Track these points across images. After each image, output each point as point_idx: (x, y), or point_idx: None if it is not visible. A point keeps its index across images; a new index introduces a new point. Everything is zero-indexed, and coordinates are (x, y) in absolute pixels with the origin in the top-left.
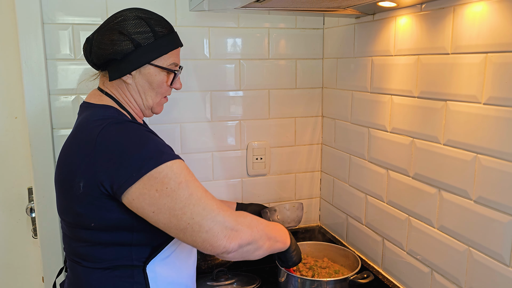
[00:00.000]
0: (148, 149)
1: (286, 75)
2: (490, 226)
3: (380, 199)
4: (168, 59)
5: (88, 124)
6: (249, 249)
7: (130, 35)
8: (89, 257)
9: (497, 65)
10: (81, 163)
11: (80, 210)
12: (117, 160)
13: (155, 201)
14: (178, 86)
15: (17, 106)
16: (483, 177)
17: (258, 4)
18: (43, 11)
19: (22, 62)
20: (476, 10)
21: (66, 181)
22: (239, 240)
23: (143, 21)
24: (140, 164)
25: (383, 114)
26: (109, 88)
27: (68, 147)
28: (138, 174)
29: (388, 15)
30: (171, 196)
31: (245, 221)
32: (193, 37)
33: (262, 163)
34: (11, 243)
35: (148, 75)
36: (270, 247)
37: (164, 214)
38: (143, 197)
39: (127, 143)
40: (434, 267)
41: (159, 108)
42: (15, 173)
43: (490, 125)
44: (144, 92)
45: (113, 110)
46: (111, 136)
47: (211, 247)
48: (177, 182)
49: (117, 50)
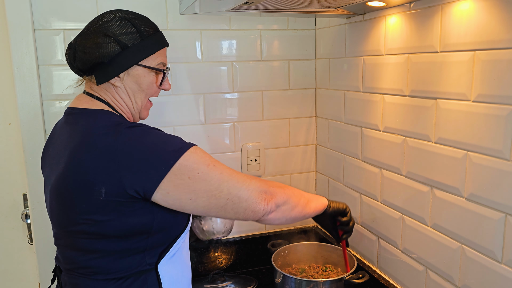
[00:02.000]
0: (168, 143)
1: (279, 76)
2: (482, 223)
3: (374, 198)
4: (156, 59)
5: (98, 131)
6: (286, 208)
7: (115, 36)
8: (100, 269)
9: (485, 63)
10: (101, 171)
11: (100, 219)
12: (143, 161)
13: (191, 188)
14: (167, 86)
15: (10, 113)
16: (474, 175)
17: (248, 6)
18: (34, 17)
19: (14, 69)
20: (463, 8)
21: (81, 190)
22: (275, 200)
23: (128, 21)
24: (167, 157)
25: (375, 114)
26: (98, 92)
27: (78, 156)
28: (167, 167)
29: (378, 15)
30: (205, 179)
31: (274, 184)
32: (185, 40)
33: (257, 164)
34: (7, 250)
35: (137, 77)
36: (305, 205)
37: (202, 197)
38: (177, 187)
39: (147, 143)
40: (428, 265)
41: (146, 113)
42: (10, 179)
43: (480, 122)
44: (133, 94)
45: (112, 113)
46: (130, 140)
47: (252, 213)
48: (205, 164)
49: (103, 53)
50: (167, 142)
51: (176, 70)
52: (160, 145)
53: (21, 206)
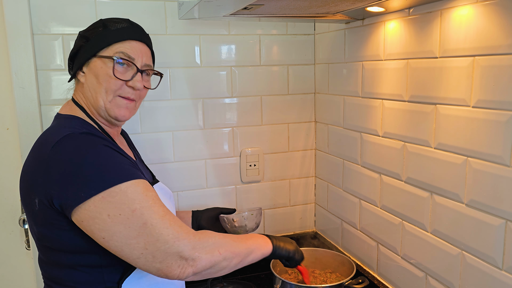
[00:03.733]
0: (101, 169)
1: (278, 81)
2: (482, 229)
3: (374, 204)
4: (116, 49)
5: (46, 138)
6: (209, 272)
7: (83, 32)
8: (59, 280)
9: (485, 68)
10: (37, 179)
11: (39, 230)
12: (67, 177)
13: (106, 227)
14: (137, 84)
15: (9, 118)
16: (474, 180)
17: (247, 12)
18: (32, 22)
19: (13, 73)
20: (463, 13)
21: (25, 198)
22: (194, 269)
23: (101, 21)
24: (91, 183)
25: (374, 119)
26: (76, 96)
27: (27, 163)
28: (87, 194)
29: (377, 20)
30: (124, 224)
31: (205, 246)
32: (184, 45)
33: (256, 169)
34: (4, 255)
35: (94, 68)
36: (240, 262)
37: (115, 241)
38: (93, 220)
39: (79, 159)
40: (428, 271)
41: (117, 111)
42: (7, 184)
43: (480, 128)
44: (94, 89)
45: (76, 121)
46: (63, 151)
47: (165, 276)
48: (131, 209)
49: (72, 50)
50: (101, 165)
51: (175, 75)
52: (91, 166)
53: (18, 211)
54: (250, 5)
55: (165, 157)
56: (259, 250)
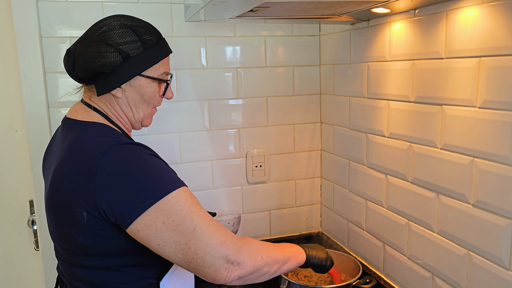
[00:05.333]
0: (152, 179)
1: (283, 82)
2: (489, 230)
3: (380, 204)
4: (159, 69)
5: (83, 148)
6: (252, 277)
7: (117, 45)
8: (99, 283)
9: (491, 69)
10: (81, 192)
11: (84, 241)
12: (120, 191)
13: (161, 234)
14: (170, 95)
15: (17, 120)
16: (481, 181)
17: (253, 14)
18: (41, 25)
19: (21, 76)
20: (469, 14)
21: (63, 210)
22: (239, 273)
23: (130, 29)
24: (145, 195)
25: (380, 120)
26: (96, 103)
27: (61, 173)
28: (143, 206)
29: (383, 21)
30: (177, 230)
31: (249, 250)
32: (190, 47)
33: (261, 170)
34: (13, 256)
35: (139, 87)
36: (278, 269)
37: (170, 247)
38: (148, 229)
39: (129, 172)
40: (435, 271)
41: (149, 120)
42: (16, 186)
43: (486, 128)
44: (135, 105)
45: (105, 128)
46: (112, 164)
47: (212, 280)
48: (182, 214)
49: (105, 63)
50: (151, 177)
51: (181, 77)
52: (142, 178)
53: (27, 212)
54: (256, 7)
55: (172, 158)
56: (295, 259)
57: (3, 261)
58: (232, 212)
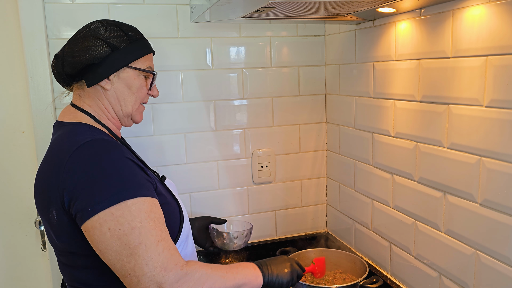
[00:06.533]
0: (112, 181)
1: (289, 82)
2: (497, 229)
3: (386, 204)
4: (144, 62)
5: (60, 148)
6: None
7: (105, 39)
8: (91, 282)
9: (498, 68)
10: (52, 190)
11: (60, 241)
12: (80, 188)
13: (104, 240)
14: (155, 92)
15: (24, 121)
16: (488, 180)
17: (259, 14)
18: (47, 27)
19: (29, 78)
20: (475, 13)
21: (42, 209)
22: None
23: (116, 26)
24: (100, 197)
25: (386, 119)
26: (85, 101)
27: (40, 173)
28: (95, 208)
29: (388, 21)
30: (121, 240)
31: (191, 280)
32: (195, 48)
33: (267, 170)
34: (21, 256)
35: (127, 79)
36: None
37: (110, 255)
38: (93, 231)
39: (92, 171)
40: (442, 271)
41: (139, 116)
42: (23, 187)
43: (493, 127)
44: (123, 98)
45: (85, 127)
46: (79, 161)
47: None
48: (131, 226)
49: (93, 55)
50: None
51: (186, 78)
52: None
53: (34, 213)
54: (262, 7)
55: (178, 159)
56: (248, 285)
57: (11, 261)
58: (238, 213)
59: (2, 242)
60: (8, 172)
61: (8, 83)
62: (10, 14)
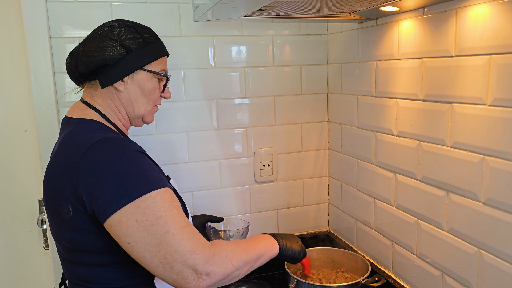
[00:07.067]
0: (133, 176)
1: (291, 81)
2: (500, 228)
3: (388, 203)
4: (158, 65)
5: (71, 144)
6: (222, 282)
7: (121, 40)
8: (93, 279)
9: (502, 67)
10: (67, 187)
11: (72, 237)
12: (100, 185)
13: (132, 232)
14: (168, 95)
15: (27, 120)
16: (491, 179)
17: (261, 13)
18: (50, 25)
19: (31, 76)
20: (479, 12)
21: (54, 205)
22: (208, 282)
23: (132, 28)
24: (123, 192)
25: (389, 118)
26: (96, 100)
27: (52, 169)
28: (119, 203)
29: (391, 20)
30: (149, 231)
31: (219, 260)
32: (198, 47)
33: (269, 169)
34: (23, 255)
35: (141, 81)
36: (250, 268)
37: (139, 247)
38: (120, 225)
39: (111, 167)
40: (445, 270)
41: (151, 117)
42: (26, 185)
43: (496, 126)
44: (136, 99)
45: (96, 125)
46: (95, 158)
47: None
48: (157, 216)
49: (108, 56)
50: (132, 174)
51: (188, 76)
52: (122, 175)
53: (36, 211)
54: (265, 6)
55: (180, 158)
56: (267, 254)
57: (13, 260)
58: (240, 212)
59: (5, 240)
60: (10, 171)
61: (11, 81)
62: (12, 12)
